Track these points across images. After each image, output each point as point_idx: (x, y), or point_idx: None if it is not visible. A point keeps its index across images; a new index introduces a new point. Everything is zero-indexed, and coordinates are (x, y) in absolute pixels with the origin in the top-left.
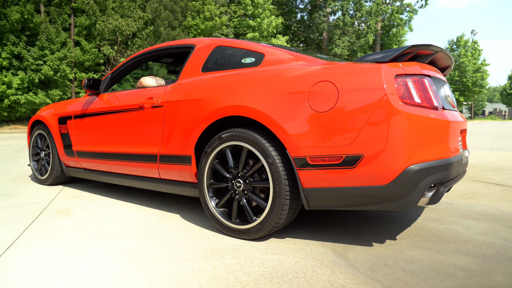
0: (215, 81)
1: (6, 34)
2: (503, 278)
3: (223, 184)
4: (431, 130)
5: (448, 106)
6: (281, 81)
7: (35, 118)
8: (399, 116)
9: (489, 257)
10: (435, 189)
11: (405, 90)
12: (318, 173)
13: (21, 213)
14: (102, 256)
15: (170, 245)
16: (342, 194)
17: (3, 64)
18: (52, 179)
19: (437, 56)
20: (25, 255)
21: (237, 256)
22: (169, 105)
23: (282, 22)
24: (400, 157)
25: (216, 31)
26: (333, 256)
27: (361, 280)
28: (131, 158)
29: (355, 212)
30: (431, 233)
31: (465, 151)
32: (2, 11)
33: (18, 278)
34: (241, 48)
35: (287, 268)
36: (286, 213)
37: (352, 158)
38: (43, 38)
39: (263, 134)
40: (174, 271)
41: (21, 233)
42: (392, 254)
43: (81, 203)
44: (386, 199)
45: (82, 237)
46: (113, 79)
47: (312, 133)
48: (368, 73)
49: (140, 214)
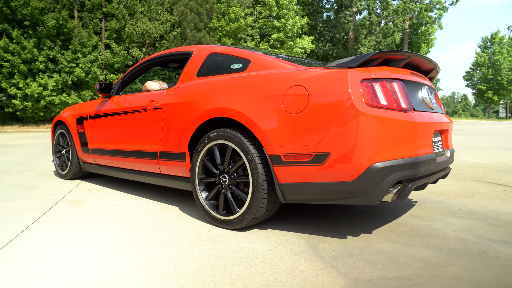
0: (205, 86)
1: (43, 39)
2: (457, 270)
3: (212, 179)
4: (397, 130)
5: (424, 108)
6: (260, 86)
7: (58, 119)
8: (363, 117)
9: (453, 251)
10: (401, 186)
11: (371, 93)
12: (291, 169)
13: (40, 203)
14: (99, 240)
15: (161, 232)
16: (313, 189)
17: (40, 67)
18: (71, 174)
19: (416, 60)
20: (35, 237)
21: (217, 243)
22: (167, 107)
23: (308, 23)
24: (364, 156)
25: (241, 32)
26: (304, 246)
27: (320, 267)
28: (137, 155)
29: (344, 207)
30: (408, 228)
31: (447, 150)
32: (40, 18)
33: (26, 254)
34: (231, 54)
35: (258, 254)
36: (265, 205)
37: (321, 156)
38: (76, 42)
39: (244, 134)
40: (157, 254)
41: (36, 220)
42: (361, 246)
43: (93, 195)
44: (353, 195)
45: (86, 224)
46: (124, 82)
47: (285, 132)
48: (335, 78)
49: (143, 206)
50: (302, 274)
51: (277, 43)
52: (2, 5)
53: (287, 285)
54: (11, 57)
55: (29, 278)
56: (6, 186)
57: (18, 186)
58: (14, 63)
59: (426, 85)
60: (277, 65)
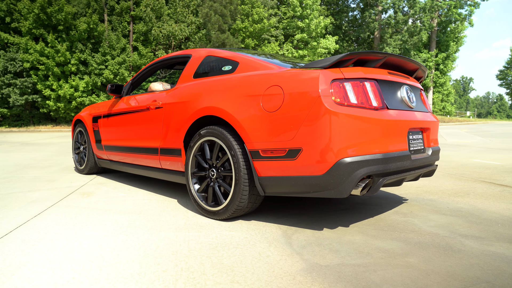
0: (198, 86)
1: (75, 42)
2: (415, 260)
3: (203, 173)
4: (366, 128)
5: (400, 106)
6: (243, 86)
7: (77, 118)
8: (331, 115)
9: (420, 244)
10: (370, 181)
11: (342, 92)
12: (269, 164)
13: (55, 194)
14: (97, 225)
15: (154, 221)
16: (288, 182)
17: (72, 70)
18: (88, 169)
19: (397, 60)
20: (44, 221)
21: (200, 230)
22: (166, 106)
23: (332, 22)
24: (333, 151)
25: (264, 33)
26: (279, 235)
27: (286, 253)
28: (141, 151)
29: (332, 203)
30: (387, 223)
31: (429, 148)
32: (73, 23)
33: (33, 234)
34: (223, 57)
35: (234, 241)
36: (247, 197)
37: (294, 151)
38: (106, 45)
39: (229, 131)
40: (144, 237)
41: (48, 207)
42: (333, 237)
43: (104, 188)
44: (324, 188)
45: (91, 212)
46: (134, 84)
47: (263, 129)
48: (308, 78)
49: (145, 198)
50: (267, 258)
51: (301, 43)
52: (39, 11)
53: (249, 267)
54: (46, 60)
55: (32, 253)
56: (30, 178)
57: (41, 179)
58: (48, 66)
59: (406, 84)
60: (262, 66)
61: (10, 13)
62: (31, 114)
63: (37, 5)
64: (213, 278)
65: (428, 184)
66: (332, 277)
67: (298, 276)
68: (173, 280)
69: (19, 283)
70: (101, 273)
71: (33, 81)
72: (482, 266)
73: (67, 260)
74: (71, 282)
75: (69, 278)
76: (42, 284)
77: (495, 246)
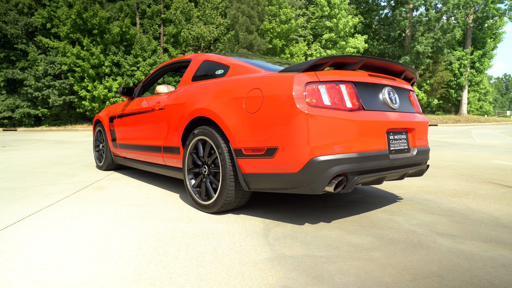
0: (194, 89)
1: (109, 45)
2: (379, 254)
3: (197, 169)
4: (339, 128)
5: (380, 107)
6: (230, 89)
7: (96, 118)
8: (304, 116)
9: (392, 240)
10: (343, 178)
11: (315, 94)
12: (251, 161)
13: (72, 187)
14: (99, 215)
15: (150, 212)
16: (268, 179)
17: (106, 71)
18: (106, 166)
19: (381, 63)
20: (54, 211)
21: (189, 222)
22: (167, 108)
23: (362, 21)
24: (306, 150)
25: (292, 33)
26: (261, 228)
27: (258, 244)
28: (148, 149)
29: (325, 200)
30: (369, 221)
31: (413, 148)
32: (106, 27)
33: (41, 221)
34: (217, 62)
35: (215, 231)
36: (233, 193)
37: (271, 150)
38: (137, 47)
39: (218, 131)
40: (136, 227)
41: (61, 199)
42: (310, 231)
43: (117, 183)
44: (299, 185)
45: (97, 203)
46: (144, 86)
47: (245, 129)
48: (283, 81)
49: (151, 192)
50: (239, 248)
51: (329, 43)
52: (75, 17)
53: (219, 254)
54: (82, 63)
55: (35, 236)
56: (53, 173)
57: (63, 174)
58: (84, 68)
59: (389, 86)
60: (250, 70)
61: (51, 19)
62: (69, 114)
63: (74, 11)
64: (183, 262)
65: (431, 184)
66: (291, 266)
67: (260, 263)
68: (147, 263)
69: (17, 260)
70: (88, 255)
71: (70, 82)
72: (442, 262)
73: (63, 243)
74: (60, 260)
75: (59, 257)
76: (36, 261)
77: (466, 245)
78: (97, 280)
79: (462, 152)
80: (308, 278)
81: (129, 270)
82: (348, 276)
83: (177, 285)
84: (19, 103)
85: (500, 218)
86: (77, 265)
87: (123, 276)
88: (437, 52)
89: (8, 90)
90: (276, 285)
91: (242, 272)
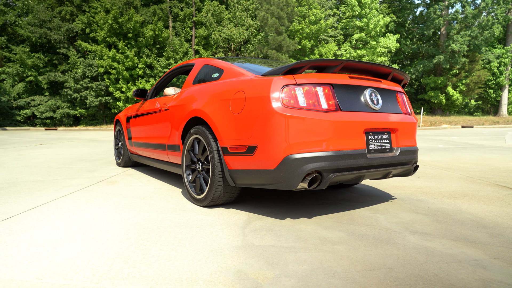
0: (192, 91)
1: (142, 48)
2: (342, 248)
3: (193, 166)
4: (314, 127)
5: (359, 108)
6: (219, 92)
7: (116, 118)
8: (280, 117)
9: (362, 236)
10: (317, 175)
11: (292, 96)
12: (235, 158)
13: (88, 181)
14: (103, 205)
15: (149, 204)
16: (250, 175)
17: (139, 73)
18: (123, 162)
19: (367, 66)
20: (66, 200)
21: (180, 213)
22: (171, 109)
23: (394, 20)
24: (281, 148)
25: (321, 33)
26: (242, 221)
27: (233, 234)
28: (156, 146)
29: (318, 197)
30: (350, 218)
31: (397, 148)
32: (140, 30)
33: (52, 209)
34: (214, 66)
35: (199, 222)
36: (221, 188)
37: (251, 148)
38: (169, 50)
39: (209, 131)
40: (131, 216)
41: (75, 191)
42: (288, 225)
43: (129, 178)
44: (276, 181)
45: (105, 196)
46: (157, 89)
47: (230, 129)
48: (262, 84)
49: (157, 187)
50: (215, 236)
51: (359, 43)
52: (112, 21)
53: (194, 241)
54: (117, 65)
55: (43, 221)
56: (76, 169)
57: (84, 169)
58: (119, 70)
59: (371, 87)
60: (239, 73)
61: (89, 25)
62: (104, 114)
63: (111, 16)
64: (159, 246)
65: (432, 185)
66: (254, 254)
67: (227, 250)
68: (128, 245)
69: (23, 238)
70: (81, 237)
71: (106, 84)
72: (400, 257)
73: (64, 227)
74: (57, 240)
75: (57, 238)
76: (37, 240)
77: (433, 242)
78: (81, 257)
79: (484, 155)
80: (264, 264)
81: (111, 250)
82: (302, 265)
83: (147, 264)
84: (60, 104)
85: (484, 219)
86: (69, 244)
87: (104, 254)
88: (474, 50)
89: (51, 92)
90: (232, 268)
91: (207, 257)
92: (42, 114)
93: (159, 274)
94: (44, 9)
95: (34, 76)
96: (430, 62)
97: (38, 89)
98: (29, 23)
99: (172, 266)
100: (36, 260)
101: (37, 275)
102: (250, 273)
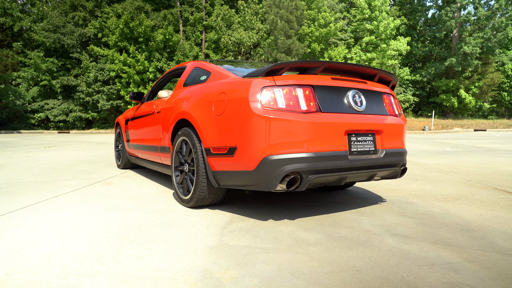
0: (181, 94)
1: (153, 52)
2: (315, 249)
3: (181, 167)
4: (292, 129)
5: (341, 110)
6: (204, 94)
7: (116, 120)
8: (258, 118)
9: (339, 238)
10: (296, 177)
11: (271, 98)
12: (217, 160)
13: (85, 182)
14: (92, 205)
15: (137, 205)
16: (232, 176)
17: (150, 77)
18: (123, 164)
19: (352, 67)
20: (58, 200)
21: (165, 214)
22: (162, 111)
23: (405, 23)
24: (259, 149)
25: (331, 37)
26: (224, 222)
27: (212, 234)
28: (149, 148)
29: (308, 200)
30: (333, 220)
31: (381, 150)
32: (151, 35)
33: (43, 208)
34: (202, 68)
35: (182, 222)
36: (206, 188)
37: (232, 149)
38: (180, 53)
39: (195, 132)
40: (118, 215)
41: (69, 192)
42: (268, 226)
43: (125, 179)
44: (255, 182)
45: (97, 196)
46: (153, 91)
47: (213, 130)
48: (242, 86)
49: (150, 188)
50: (193, 236)
51: (370, 46)
52: (123, 26)
53: (170, 240)
54: (128, 69)
55: (30, 219)
56: (76, 170)
57: (84, 171)
58: (130, 74)
59: (354, 89)
60: (224, 76)
61: (101, 29)
62: (116, 117)
63: (122, 21)
64: (135, 245)
65: (427, 188)
66: (225, 254)
67: (200, 250)
68: (105, 244)
69: (5, 236)
70: (62, 235)
71: (117, 88)
72: (372, 259)
73: (48, 226)
74: (38, 238)
75: (38, 236)
76: (19, 238)
77: (411, 245)
78: (56, 254)
79: (490, 158)
80: (233, 264)
81: (86, 248)
82: (270, 265)
83: (117, 261)
84: (72, 107)
85: (470, 222)
86: (48, 242)
87: (79, 252)
88: (487, 53)
89: (64, 96)
90: (199, 267)
91: (178, 255)
92: (55, 117)
93: (126, 271)
94: (58, 15)
95: (48, 80)
96: (442, 64)
97: (52, 93)
98: (44, 28)
99: (141, 264)
100: (12, 256)
101: (8, 271)
102: (216, 272)
